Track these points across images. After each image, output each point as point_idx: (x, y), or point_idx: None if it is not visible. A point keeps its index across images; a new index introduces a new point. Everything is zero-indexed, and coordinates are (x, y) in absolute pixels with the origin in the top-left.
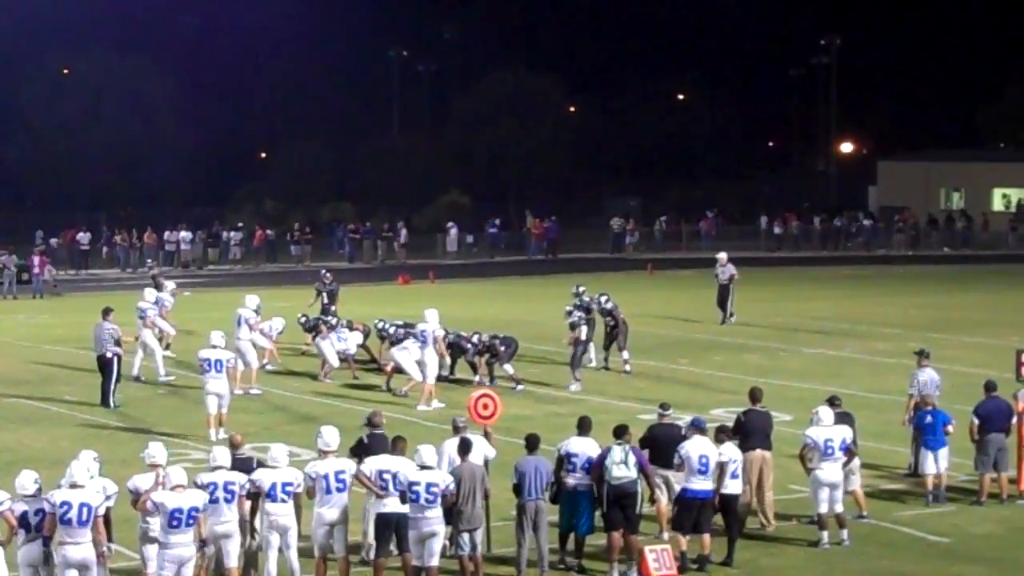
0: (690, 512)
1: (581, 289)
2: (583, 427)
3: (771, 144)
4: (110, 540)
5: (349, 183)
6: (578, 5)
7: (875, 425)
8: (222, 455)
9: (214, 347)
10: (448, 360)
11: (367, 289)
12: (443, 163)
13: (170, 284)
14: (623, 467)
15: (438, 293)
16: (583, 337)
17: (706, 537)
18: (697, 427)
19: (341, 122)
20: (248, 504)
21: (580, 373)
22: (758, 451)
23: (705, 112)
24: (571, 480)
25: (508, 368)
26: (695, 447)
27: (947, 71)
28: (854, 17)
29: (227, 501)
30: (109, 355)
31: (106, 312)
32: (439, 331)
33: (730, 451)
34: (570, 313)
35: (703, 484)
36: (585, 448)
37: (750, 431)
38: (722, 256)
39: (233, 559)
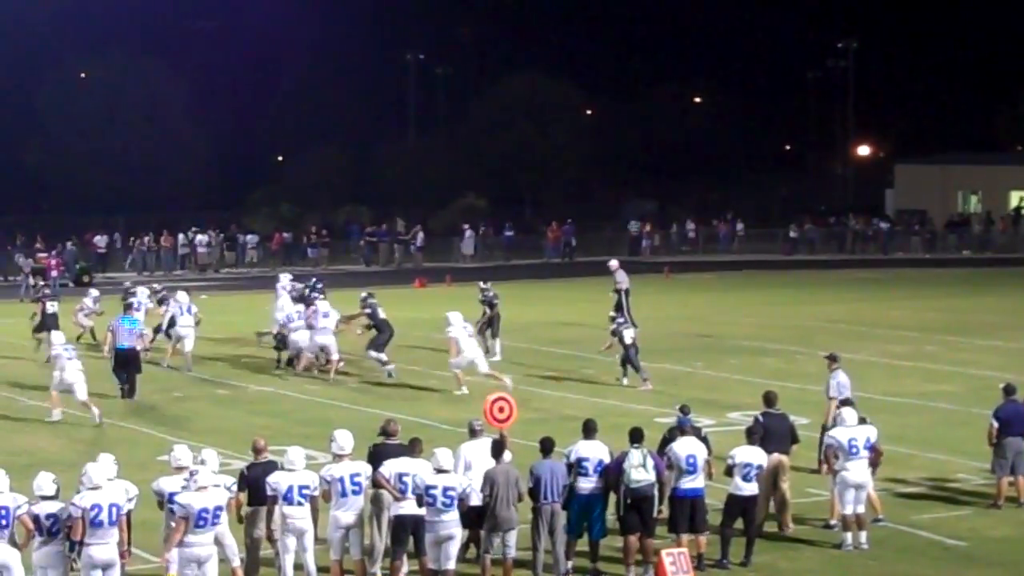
0: (683, 512)
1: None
2: (588, 430)
3: (788, 147)
4: (129, 543)
5: (365, 186)
6: (594, 8)
7: (892, 428)
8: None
9: None
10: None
11: (384, 292)
12: (460, 166)
13: (94, 292)
14: (642, 470)
15: (455, 296)
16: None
17: (702, 538)
18: (682, 427)
19: (358, 125)
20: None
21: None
22: (775, 455)
23: (722, 115)
24: (586, 484)
25: (372, 353)
26: (682, 447)
27: (964, 74)
28: (871, 20)
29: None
30: (130, 347)
31: (128, 307)
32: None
33: (747, 454)
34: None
35: (692, 483)
36: (595, 452)
37: (768, 434)
38: (613, 263)
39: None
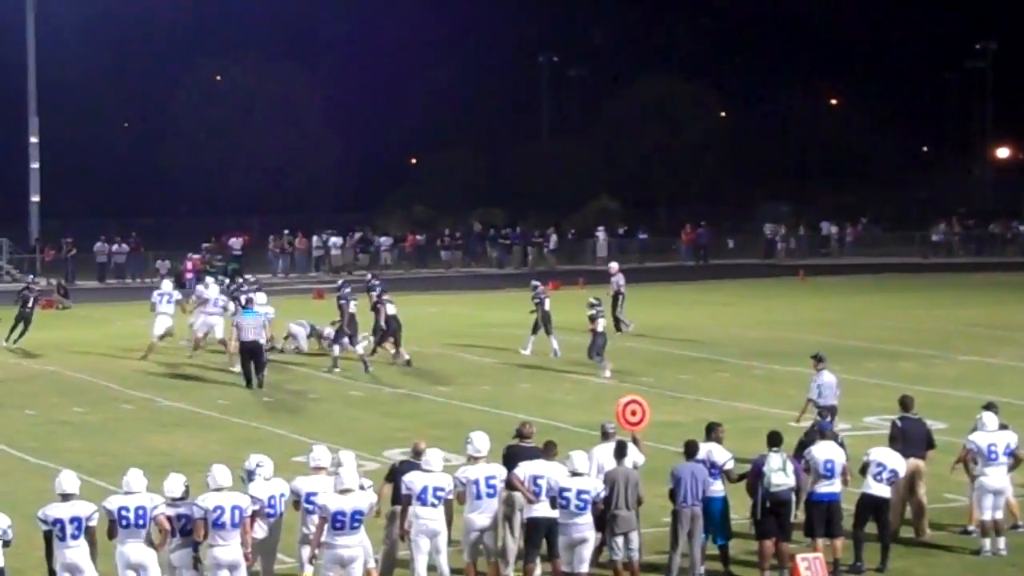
0: (819, 517)
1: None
2: (709, 432)
3: (925, 149)
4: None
5: (499, 188)
6: (729, 9)
7: None
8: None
9: None
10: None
11: (516, 295)
12: (593, 168)
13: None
14: (781, 474)
15: (586, 299)
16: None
17: (837, 543)
18: (822, 431)
19: (491, 127)
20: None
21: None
22: (911, 460)
23: (858, 116)
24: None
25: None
26: (821, 451)
27: None
28: (1010, 21)
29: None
30: (255, 339)
31: (249, 301)
32: None
33: (883, 455)
34: (592, 306)
35: (829, 488)
36: (711, 453)
37: (905, 439)
38: (613, 266)
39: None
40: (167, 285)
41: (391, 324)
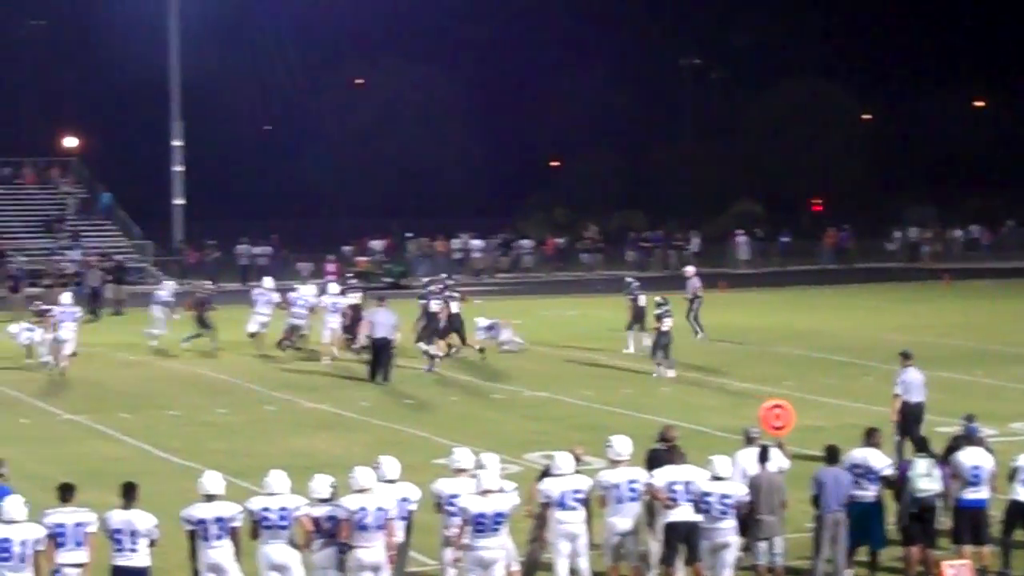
0: (966, 523)
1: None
2: (868, 437)
3: None
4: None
5: (640, 191)
6: (872, 11)
7: None
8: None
9: None
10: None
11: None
12: (735, 171)
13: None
14: (928, 479)
15: (729, 302)
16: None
17: (985, 550)
18: (969, 436)
19: (632, 130)
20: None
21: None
22: None
23: (1003, 118)
24: (863, 492)
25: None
26: (968, 457)
27: None
28: None
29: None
30: (387, 336)
31: (381, 299)
32: None
33: None
34: (659, 305)
35: (976, 494)
36: (872, 460)
37: None
38: (689, 270)
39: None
40: (268, 283)
41: (454, 321)
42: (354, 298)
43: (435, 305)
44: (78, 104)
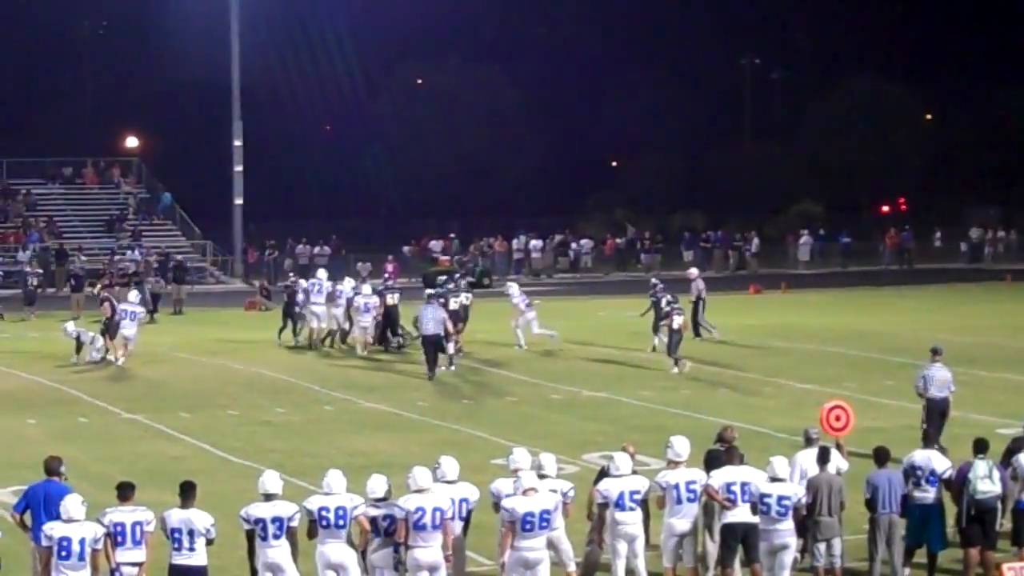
0: None
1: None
2: (926, 439)
3: None
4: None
5: (700, 191)
6: (933, 10)
7: None
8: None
9: None
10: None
11: (716, 298)
12: (795, 171)
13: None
14: (987, 482)
15: (789, 303)
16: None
17: None
18: None
19: (692, 130)
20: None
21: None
22: None
23: None
24: (923, 494)
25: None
26: None
27: None
28: None
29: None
30: (434, 334)
31: (431, 297)
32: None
33: None
34: (669, 304)
35: None
36: (932, 462)
37: None
38: (693, 271)
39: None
40: (322, 273)
41: (391, 313)
42: (392, 298)
43: (454, 303)
44: (139, 104)
